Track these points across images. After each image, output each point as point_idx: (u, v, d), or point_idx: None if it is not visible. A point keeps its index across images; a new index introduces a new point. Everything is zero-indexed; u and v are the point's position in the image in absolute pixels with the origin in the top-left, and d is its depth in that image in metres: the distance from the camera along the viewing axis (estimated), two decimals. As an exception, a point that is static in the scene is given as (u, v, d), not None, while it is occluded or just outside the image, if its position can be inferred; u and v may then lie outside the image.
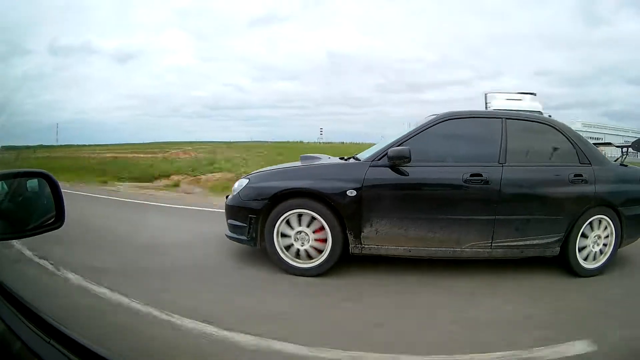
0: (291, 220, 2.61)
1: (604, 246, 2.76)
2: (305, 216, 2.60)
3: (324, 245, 2.58)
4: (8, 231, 1.01)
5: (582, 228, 2.69)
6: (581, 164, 2.73)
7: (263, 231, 2.63)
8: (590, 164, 2.74)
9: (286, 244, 2.62)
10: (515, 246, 2.62)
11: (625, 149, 3.06)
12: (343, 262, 2.66)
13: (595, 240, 2.75)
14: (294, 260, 2.62)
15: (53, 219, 1.07)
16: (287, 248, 2.62)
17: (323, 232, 2.58)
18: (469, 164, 2.60)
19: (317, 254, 2.60)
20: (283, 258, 2.62)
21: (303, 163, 2.92)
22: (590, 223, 2.71)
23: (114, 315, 1.95)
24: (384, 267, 2.69)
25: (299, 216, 2.61)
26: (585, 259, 2.73)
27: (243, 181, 2.85)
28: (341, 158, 3.02)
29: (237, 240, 2.76)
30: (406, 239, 2.57)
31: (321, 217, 2.57)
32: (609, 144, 3.40)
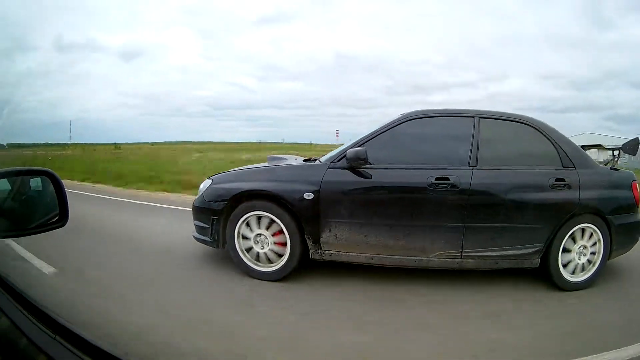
0: (251, 222, 2.56)
1: (592, 256, 2.52)
2: (264, 219, 2.54)
3: (284, 249, 2.51)
4: (11, 229, 1.01)
5: (565, 238, 2.46)
6: (564, 168, 2.50)
7: (225, 233, 2.60)
8: (574, 168, 2.50)
9: (247, 247, 2.57)
10: (488, 257, 2.43)
11: (617, 152, 2.77)
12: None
13: (581, 251, 2.51)
14: (255, 263, 2.56)
15: (57, 217, 1.05)
16: (249, 250, 2.57)
17: (283, 236, 2.51)
18: (435, 167, 2.44)
19: (278, 258, 2.53)
20: (243, 260, 2.57)
21: (269, 164, 2.87)
22: (574, 232, 2.48)
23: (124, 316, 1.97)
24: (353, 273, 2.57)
25: (259, 218, 2.55)
26: (570, 272, 2.50)
27: (207, 182, 2.82)
28: (307, 160, 2.93)
29: (203, 241, 2.74)
30: (367, 246, 2.44)
31: (279, 220, 2.49)
32: (600, 146, 3.10)
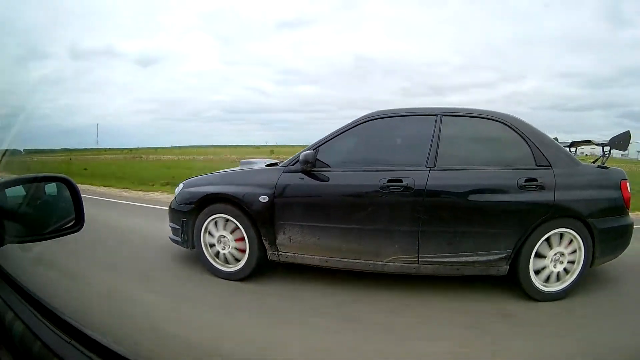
0: (217, 223, 2.66)
1: (571, 265, 2.27)
2: (227, 221, 2.63)
3: (245, 250, 2.58)
4: (27, 234, 1.01)
5: (538, 244, 2.24)
6: (538, 167, 2.26)
7: (194, 234, 2.74)
8: (550, 167, 2.24)
9: (213, 247, 2.68)
10: (448, 262, 2.30)
11: (607, 148, 2.41)
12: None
13: (557, 258, 2.27)
14: (220, 263, 2.68)
15: (73, 222, 1.07)
16: (217, 254, 2.69)
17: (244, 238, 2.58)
18: (389, 169, 2.33)
19: (240, 259, 2.62)
20: (209, 260, 2.69)
21: (240, 168, 2.94)
22: (550, 238, 2.25)
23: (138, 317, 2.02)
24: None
25: (226, 221, 2.64)
26: (543, 280, 2.28)
27: (180, 186, 2.97)
28: (271, 164, 2.95)
29: (176, 242, 2.91)
30: (320, 249, 2.43)
31: (239, 223, 2.57)
32: (589, 142, 2.71)
